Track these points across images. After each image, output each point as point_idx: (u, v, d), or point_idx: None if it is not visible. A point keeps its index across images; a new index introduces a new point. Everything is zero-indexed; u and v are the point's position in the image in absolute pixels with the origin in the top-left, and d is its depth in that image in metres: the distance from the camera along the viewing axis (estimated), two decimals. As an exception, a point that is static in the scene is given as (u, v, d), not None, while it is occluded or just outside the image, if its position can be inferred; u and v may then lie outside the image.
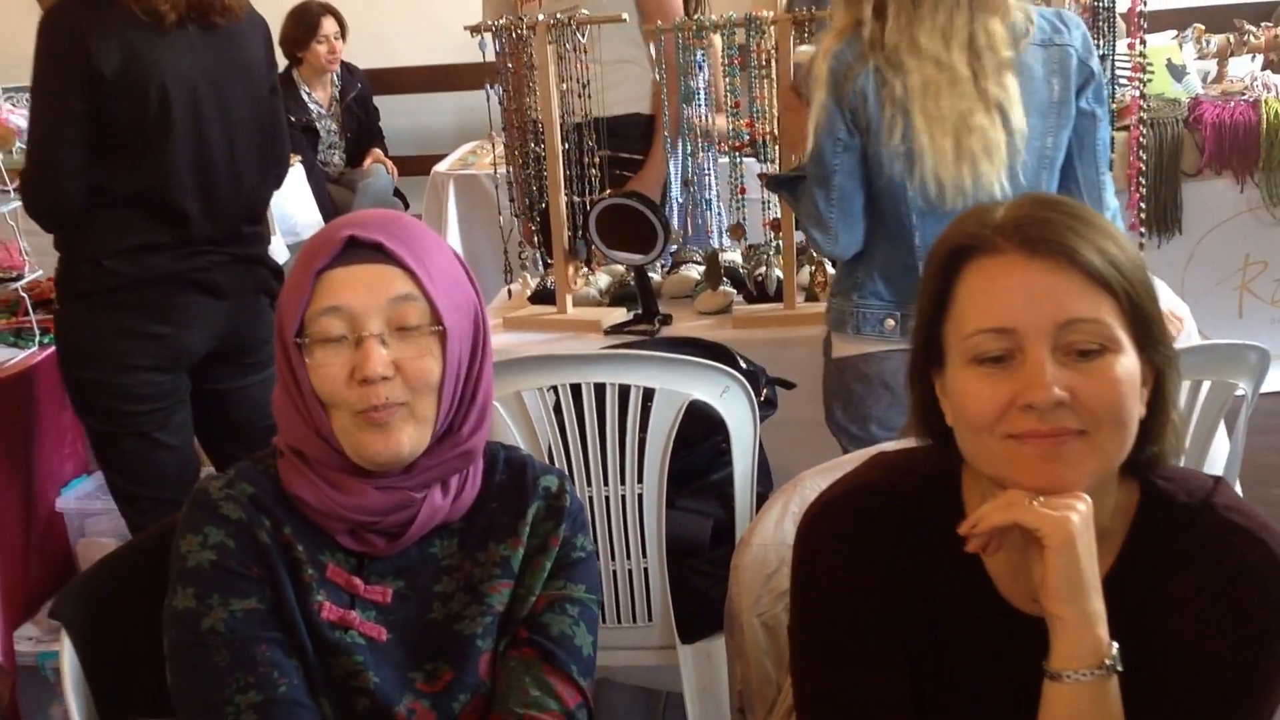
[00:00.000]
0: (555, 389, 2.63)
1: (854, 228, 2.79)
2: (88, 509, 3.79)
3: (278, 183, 3.53)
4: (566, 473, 2.56)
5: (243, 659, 1.67)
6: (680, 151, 3.67)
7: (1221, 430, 2.67)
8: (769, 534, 2.04)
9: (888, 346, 2.82)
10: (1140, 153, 3.53)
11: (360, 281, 1.68)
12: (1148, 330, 1.48)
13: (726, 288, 3.62)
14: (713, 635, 2.70)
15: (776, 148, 3.44)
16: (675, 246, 3.84)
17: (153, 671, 1.73)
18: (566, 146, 3.54)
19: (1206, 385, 2.52)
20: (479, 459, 1.82)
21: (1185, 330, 3.17)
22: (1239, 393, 2.55)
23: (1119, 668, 1.46)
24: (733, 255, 3.77)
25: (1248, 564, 1.49)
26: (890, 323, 2.82)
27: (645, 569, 2.71)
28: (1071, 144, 2.79)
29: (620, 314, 3.57)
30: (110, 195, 3.11)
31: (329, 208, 6.39)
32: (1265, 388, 2.58)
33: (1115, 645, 1.46)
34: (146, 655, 1.75)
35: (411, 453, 1.71)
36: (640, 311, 3.53)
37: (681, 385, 2.60)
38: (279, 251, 4.94)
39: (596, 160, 3.61)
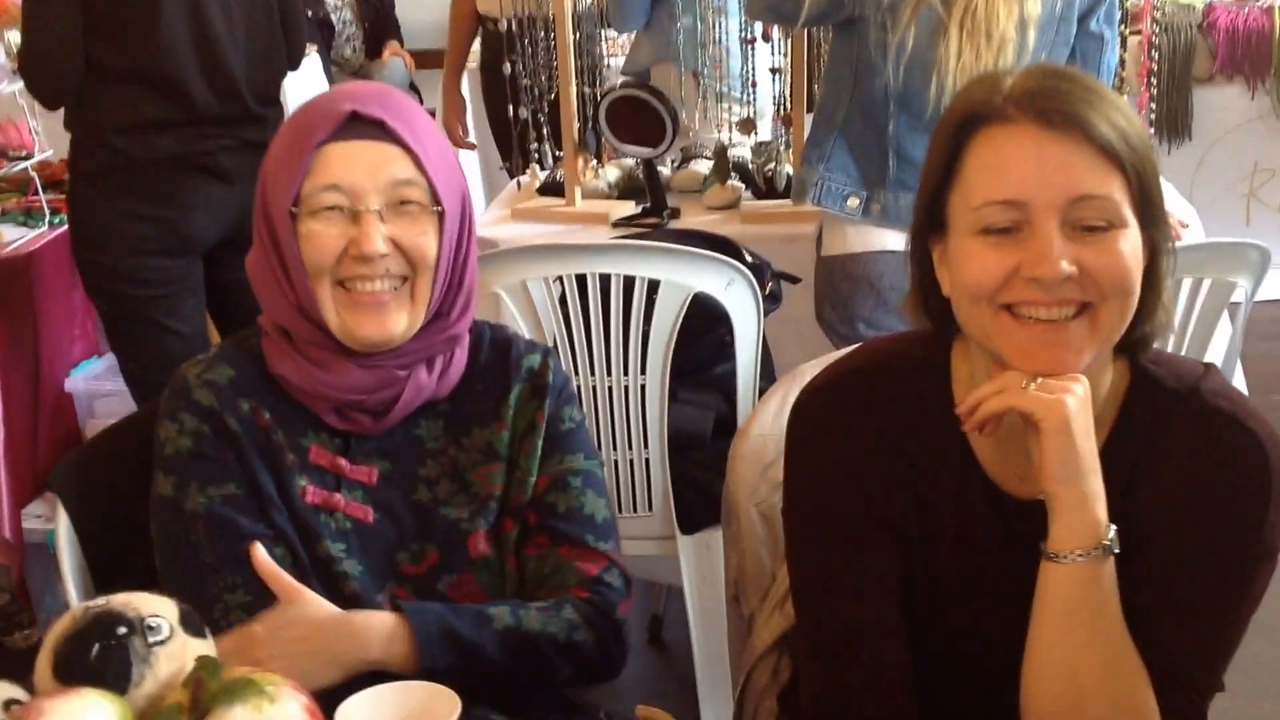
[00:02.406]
0: (561, 279, 2.65)
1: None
2: (97, 390, 3.81)
3: (294, 63, 3.50)
4: (564, 357, 2.59)
5: (229, 557, 1.67)
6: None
7: (1224, 326, 2.68)
8: (767, 424, 2.05)
9: (871, 248, 2.81)
10: (1152, 53, 3.50)
11: (361, 160, 1.66)
12: (1150, 207, 1.46)
13: (735, 183, 3.61)
14: (712, 527, 2.70)
15: (788, 42, 3.42)
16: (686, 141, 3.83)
17: (146, 546, 1.75)
18: (578, 36, 3.52)
19: (1207, 283, 2.53)
20: (464, 342, 1.81)
21: (1191, 235, 3.17)
22: (1238, 293, 2.56)
23: (1116, 549, 1.46)
24: (742, 151, 3.76)
25: (1232, 450, 1.49)
26: (854, 201, 2.81)
27: (646, 460, 2.73)
28: (1074, 65, 2.77)
29: (629, 207, 3.57)
30: (108, 70, 3.11)
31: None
32: (1273, 294, 2.58)
33: (1113, 527, 1.46)
34: (140, 529, 1.76)
35: (404, 335, 1.71)
36: (649, 205, 3.53)
37: (686, 277, 2.61)
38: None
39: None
